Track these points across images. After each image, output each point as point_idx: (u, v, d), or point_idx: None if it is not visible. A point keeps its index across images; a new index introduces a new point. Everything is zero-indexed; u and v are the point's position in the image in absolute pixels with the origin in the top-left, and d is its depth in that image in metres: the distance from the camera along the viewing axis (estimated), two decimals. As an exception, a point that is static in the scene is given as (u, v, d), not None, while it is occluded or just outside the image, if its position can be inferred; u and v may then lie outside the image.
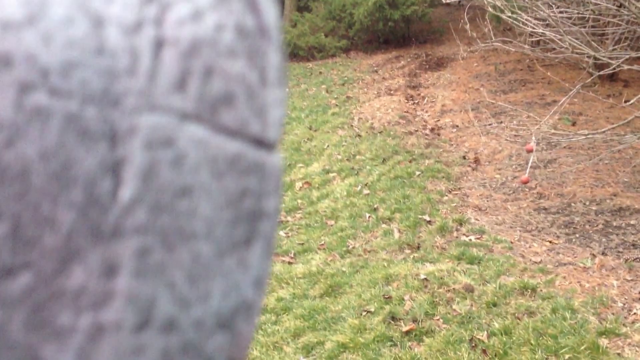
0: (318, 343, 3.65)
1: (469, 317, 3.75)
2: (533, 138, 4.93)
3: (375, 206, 5.37)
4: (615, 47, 5.50)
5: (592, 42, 5.28)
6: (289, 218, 5.39)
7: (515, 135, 6.34)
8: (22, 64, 0.29)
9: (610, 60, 5.21)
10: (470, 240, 4.66)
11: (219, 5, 0.32)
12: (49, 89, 0.29)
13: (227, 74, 0.32)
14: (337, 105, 8.72)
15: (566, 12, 5.39)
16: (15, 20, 0.29)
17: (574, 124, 6.46)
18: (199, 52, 0.31)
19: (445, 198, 5.42)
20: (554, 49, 5.81)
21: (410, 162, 6.27)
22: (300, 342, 3.67)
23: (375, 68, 10.63)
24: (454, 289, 4.02)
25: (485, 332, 3.60)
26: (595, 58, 5.38)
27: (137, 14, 0.30)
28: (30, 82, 0.29)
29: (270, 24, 0.33)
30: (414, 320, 3.77)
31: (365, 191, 5.72)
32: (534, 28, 5.51)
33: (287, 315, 3.94)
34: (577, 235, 4.62)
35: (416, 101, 8.43)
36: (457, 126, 7.20)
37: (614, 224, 4.69)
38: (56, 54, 0.29)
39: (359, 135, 7.26)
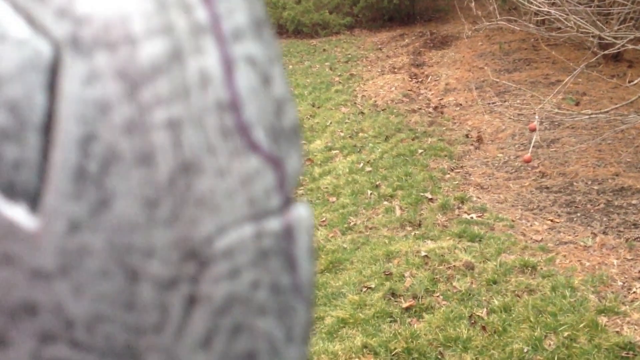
0: (318, 318, 3.67)
1: (469, 294, 3.77)
2: (536, 117, 4.93)
3: (377, 183, 5.38)
4: (621, 27, 5.47)
5: (597, 22, 5.25)
6: (290, 194, 5.40)
7: (518, 114, 6.32)
8: (48, 314, 0.28)
9: (615, 40, 5.19)
10: (472, 218, 4.66)
11: (258, 263, 0.31)
12: (70, 341, 0.29)
13: (254, 331, 0.31)
14: (340, 82, 8.69)
15: (572, -10, 5.36)
16: (48, 269, 0.28)
17: (577, 103, 6.45)
18: (230, 310, 0.31)
19: (448, 176, 5.42)
20: (559, 28, 5.78)
21: (413, 140, 6.27)
22: (300, 317, 3.69)
23: (379, 46, 10.59)
24: (454, 266, 4.04)
25: (485, 309, 3.62)
26: (600, 38, 5.35)
27: (175, 270, 0.29)
28: (52, 333, 0.28)
29: (306, 282, 0.33)
30: (414, 297, 3.79)
31: (368, 168, 5.72)
32: (539, 7, 5.48)
33: (288, 290, 3.96)
34: (579, 214, 4.62)
35: (420, 79, 8.41)
36: (461, 105, 7.19)
37: (616, 203, 4.69)
38: (84, 306, 0.28)
39: (362, 113, 7.25)
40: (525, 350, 3.25)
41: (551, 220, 4.57)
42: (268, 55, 0.31)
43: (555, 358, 3.19)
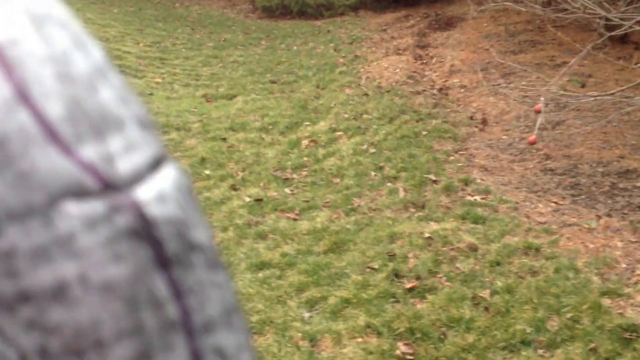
0: (321, 298, 3.68)
1: (472, 276, 3.77)
2: (541, 99, 4.91)
3: (381, 165, 5.37)
4: (627, 8, 5.43)
5: (604, 3, 5.22)
6: (294, 175, 5.40)
7: (523, 96, 6.30)
8: None
9: (621, 22, 5.16)
10: (476, 200, 4.66)
11: None
12: None
13: None
14: (344, 64, 8.66)
15: (579, -29, 5.32)
16: None
17: (583, 85, 6.41)
18: None
19: (452, 158, 5.41)
20: (566, 9, 5.74)
21: (417, 121, 6.25)
22: (303, 297, 3.70)
23: (384, 27, 10.54)
24: (458, 247, 4.04)
25: (488, 290, 3.62)
26: (606, 19, 5.32)
27: None
28: None
29: None
30: (417, 278, 3.79)
31: (372, 150, 5.71)
32: (545, -13, 5.44)
33: (291, 270, 3.97)
34: (583, 197, 4.61)
35: (424, 61, 8.37)
36: (465, 86, 7.16)
37: (620, 185, 4.68)
38: None
39: (366, 94, 7.22)
40: (527, 331, 3.25)
41: (555, 203, 4.56)
42: (237, 343, 0.32)
43: (558, 339, 3.20)
